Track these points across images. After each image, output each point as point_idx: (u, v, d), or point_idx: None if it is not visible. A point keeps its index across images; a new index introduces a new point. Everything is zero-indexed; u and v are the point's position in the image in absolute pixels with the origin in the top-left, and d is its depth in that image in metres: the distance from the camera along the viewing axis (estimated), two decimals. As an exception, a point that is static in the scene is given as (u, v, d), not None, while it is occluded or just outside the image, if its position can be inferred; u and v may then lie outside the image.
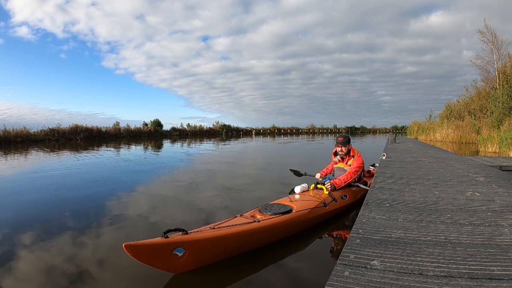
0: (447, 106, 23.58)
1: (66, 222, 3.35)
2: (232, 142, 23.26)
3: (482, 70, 20.17)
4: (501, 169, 4.95)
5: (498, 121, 14.68)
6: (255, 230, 2.35)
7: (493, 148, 11.27)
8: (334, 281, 1.18)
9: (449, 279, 1.17)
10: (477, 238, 1.61)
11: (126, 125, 32.98)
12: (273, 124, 55.32)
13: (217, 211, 3.76)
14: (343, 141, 3.77)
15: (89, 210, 3.88)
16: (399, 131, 51.25)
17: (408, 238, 1.63)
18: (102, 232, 3.02)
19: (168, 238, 1.88)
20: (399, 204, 2.37)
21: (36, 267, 2.27)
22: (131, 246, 1.74)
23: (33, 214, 3.71)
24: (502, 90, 16.01)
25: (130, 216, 3.57)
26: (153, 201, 4.34)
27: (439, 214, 2.07)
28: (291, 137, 34.05)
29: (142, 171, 7.53)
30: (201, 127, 42.60)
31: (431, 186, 3.08)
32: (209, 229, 2.19)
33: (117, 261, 2.31)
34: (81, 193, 4.85)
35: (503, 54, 18.80)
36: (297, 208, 2.81)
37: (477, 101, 19.87)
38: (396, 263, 1.33)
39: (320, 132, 55.21)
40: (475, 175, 3.74)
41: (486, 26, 19.32)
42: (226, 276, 2.09)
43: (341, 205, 3.31)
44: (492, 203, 2.34)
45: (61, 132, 25.55)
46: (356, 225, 1.85)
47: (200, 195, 4.70)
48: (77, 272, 2.14)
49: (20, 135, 22.69)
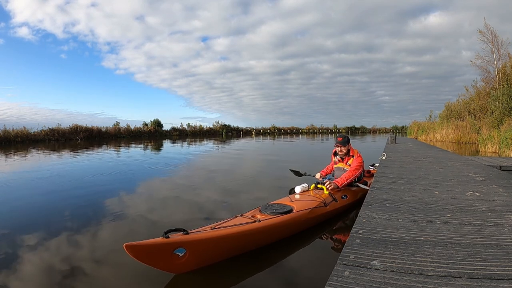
0: (447, 106, 23.59)
1: (66, 222, 3.36)
2: (232, 142, 23.25)
3: (482, 70, 20.19)
4: (501, 169, 4.95)
5: (498, 121, 14.68)
6: (256, 230, 2.35)
7: (493, 148, 11.27)
8: (334, 281, 1.18)
9: (449, 279, 1.18)
10: (477, 238, 1.61)
11: (126, 125, 32.98)
12: (273, 124, 55.38)
13: (217, 211, 3.76)
14: (343, 141, 3.77)
15: (89, 210, 3.88)
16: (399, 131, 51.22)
17: (408, 238, 1.63)
18: (102, 232, 3.02)
19: (169, 238, 1.88)
20: (399, 204, 2.37)
21: (36, 266, 2.27)
22: (132, 246, 1.74)
23: (33, 214, 3.71)
24: (502, 90, 16.02)
25: (131, 216, 3.57)
26: (154, 201, 4.35)
27: (439, 214, 2.07)
28: (291, 137, 34.04)
29: (142, 171, 7.54)
30: (201, 127, 42.61)
31: (431, 186, 3.08)
32: (209, 229, 2.19)
33: (117, 261, 2.32)
34: (81, 193, 4.85)
35: (503, 54, 18.81)
36: (297, 208, 2.81)
37: (477, 101, 19.87)
38: (396, 263, 1.33)
39: (320, 132, 55.21)
40: (475, 175, 3.74)
41: (486, 26, 19.34)
42: (227, 276, 2.10)
43: (341, 205, 3.31)
44: (492, 203, 2.34)
45: (61, 132, 25.52)
46: (356, 225, 1.85)
47: (200, 195, 4.70)
48: (78, 272, 2.15)
49: (20, 135, 22.67)
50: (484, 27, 19.40)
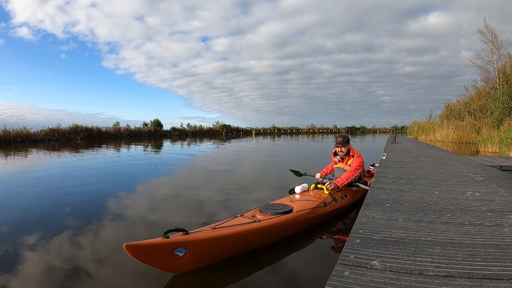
0: (447, 106, 23.59)
1: (66, 222, 3.35)
2: (232, 142, 23.25)
3: (482, 70, 20.19)
4: (501, 169, 4.94)
5: (498, 121, 14.69)
6: (256, 230, 2.35)
7: (493, 148, 11.27)
8: (334, 281, 1.18)
9: (449, 279, 1.18)
10: (477, 238, 1.61)
11: (126, 125, 33.01)
12: (273, 124, 55.40)
13: (217, 211, 3.76)
14: (342, 142, 3.78)
15: (89, 210, 3.87)
16: (399, 131, 51.22)
17: (408, 238, 1.63)
18: (102, 232, 3.02)
19: (169, 238, 1.88)
20: (399, 204, 2.37)
21: (36, 266, 2.27)
22: (132, 246, 1.74)
23: (33, 214, 3.71)
24: (502, 90, 16.02)
25: (131, 216, 3.57)
26: (154, 201, 4.35)
27: (439, 214, 2.07)
28: (291, 137, 34.03)
29: (142, 171, 7.53)
30: (201, 127, 42.63)
31: (431, 186, 3.08)
32: (209, 229, 2.19)
33: (117, 261, 2.32)
34: (81, 193, 4.85)
35: (503, 54, 18.81)
36: (297, 208, 2.81)
37: (477, 101, 19.87)
38: (396, 263, 1.33)
39: (320, 132, 55.21)
40: (475, 175, 3.74)
41: (486, 26, 19.33)
42: (227, 276, 2.10)
43: (341, 205, 3.31)
44: (492, 203, 2.34)
45: (61, 132, 25.53)
46: (356, 225, 1.85)
47: (200, 195, 4.70)
48: (78, 272, 2.15)
49: (20, 135, 22.67)
50: (484, 27, 19.41)
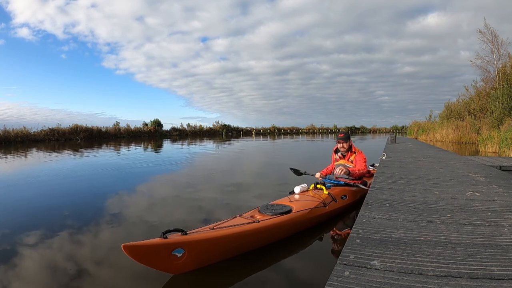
0: (447, 106, 23.59)
1: (65, 222, 3.34)
2: (232, 142, 23.24)
3: (482, 70, 20.22)
4: (501, 169, 4.94)
5: (498, 121, 14.69)
6: (255, 230, 2.34)
7: (493, 148, 11.27)
8: (334, 281, 1.17)
9: (449, 279, 1.17)
10: (477, 238, 1.61)
11: (126, 125, 33.02)
12: (273, 124, 55.38)
13: (216, 211, 3.75)
14: (344, 137, 3.86)
15: (88, 210, 3.87)
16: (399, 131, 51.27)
17: (408, 238, 1.63)
18: (101, 232, 3.01)
19: (167, 239, 1.87)
20: (399, 204, 2.36)
21: (35, 266, 2.26)
22: (130, 247, 1.73)
23: (33, 214, 3.70)
24: (502, 90, 16.02)
25: (129, 216, 3.56)
26: (152, 201, 4.34)
27: (439, 214, 2.06)
28: (291, 137, 34.03)
29: (142, 171, 7.53)
30: (201, 127, 42.61)
31: (431, 186, 3.08)
32: (208, 230, 2.18)
33: (116, 261, 2.31)
34: (80, 193, 4.85)
35: (503, 54, 18.84)
36: (296, 208, 2.80)
37: (477, 101, 19.88)
38: (396, 263, 1.32)
39: (320, 132, 55.22)
40: (475, 175, 3.73)
41: (486, 26, 19.36)
42: (226, 277, 2.09)
43: (341, 205, 3.30)
44: (492, 203, 2.33)
45: (61, 132, 25.54)
46: (356, 225, 1.84)
47: (199, 195, 4.69)
48: (76, 273, 2.14)
49: (20, 135, 22.67)
50: (484, 27, 19.45)
